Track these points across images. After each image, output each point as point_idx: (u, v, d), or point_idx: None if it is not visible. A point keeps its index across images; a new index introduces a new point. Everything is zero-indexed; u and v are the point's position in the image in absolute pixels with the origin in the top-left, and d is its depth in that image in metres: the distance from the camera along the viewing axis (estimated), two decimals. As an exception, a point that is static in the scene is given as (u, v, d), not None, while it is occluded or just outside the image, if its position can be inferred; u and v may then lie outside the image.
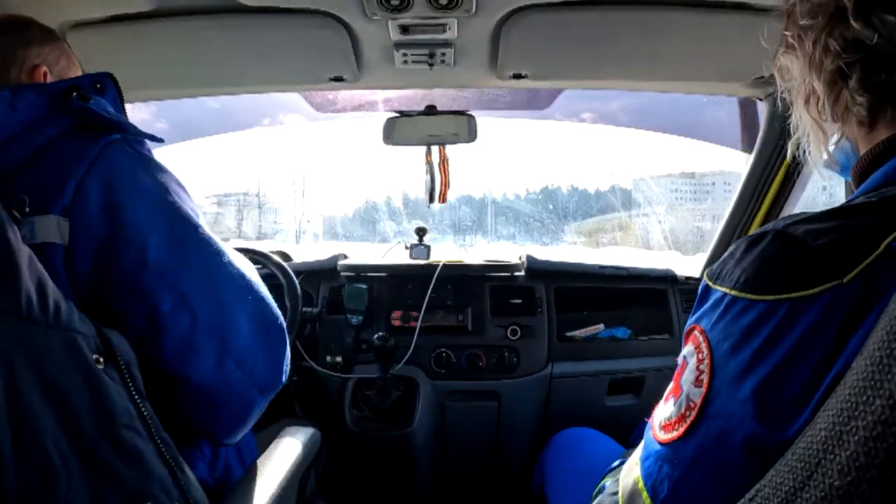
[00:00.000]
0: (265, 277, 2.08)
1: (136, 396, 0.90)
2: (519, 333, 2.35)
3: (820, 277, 0.63)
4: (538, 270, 2.48)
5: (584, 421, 2.01)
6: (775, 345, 0.64)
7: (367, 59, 1.85)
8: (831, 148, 0.86)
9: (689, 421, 0.72)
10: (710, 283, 0.76)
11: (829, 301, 0.62)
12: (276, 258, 2.12)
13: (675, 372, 0.78)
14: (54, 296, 0.82)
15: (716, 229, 2.52)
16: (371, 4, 1.51)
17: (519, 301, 2.41)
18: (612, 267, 2.52)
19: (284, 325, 1.25)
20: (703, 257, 2.67)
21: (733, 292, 0.70)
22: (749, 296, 0.68)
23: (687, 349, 0.77)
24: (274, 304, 1.24)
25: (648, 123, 2.59)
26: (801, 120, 0.88)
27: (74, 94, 1.07)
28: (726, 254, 0.75)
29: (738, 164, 2.36)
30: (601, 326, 2.43)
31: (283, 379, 1.24)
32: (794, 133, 0.92)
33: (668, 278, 2.53)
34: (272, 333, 1.20)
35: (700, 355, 0.73)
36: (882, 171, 0.74)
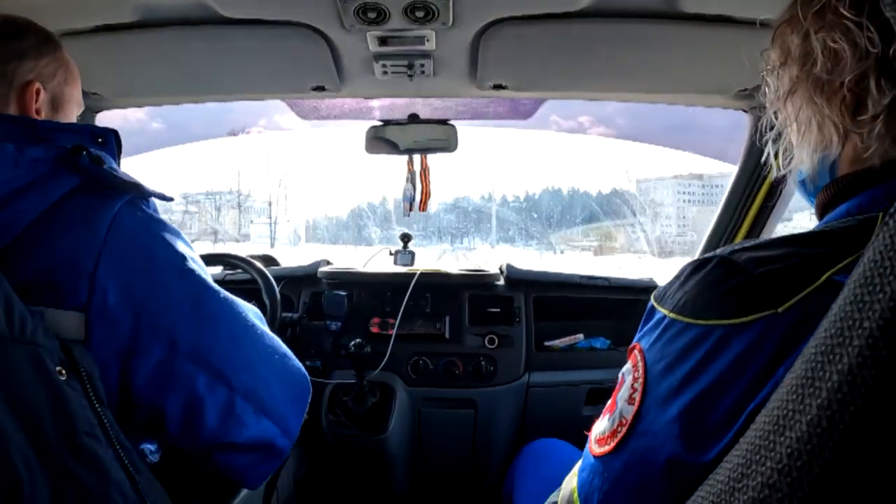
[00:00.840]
0: (245, 282, 2.11)
1: (98, 406, 0.92)
2: (497, 342, 2.36)
3: (755, 306, 0.64)
4: (517, 280, 2.49)
5: (562, 430, 2.02)
6: (705, 369, 0.66)
7: (347, 69, 1.87)
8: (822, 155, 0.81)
9: (619, 437, 0.73)
10: (655, 304, 0.77)
11: (761, 329, 0.63)
12: (257, 264, 2.12)
13: (616, 387, 0.80)
14: (20, 312, 0.85)
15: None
16: (348, 17, 1.53)
17: (497, 310, 2.42)
18: (593, 277, 2.53)
19: (307, 374, 1.31)
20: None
21: (672, 315, 0.72)
22: (686, 319, 0.70)
23: (626, 367, 0.78)
24: (293, 357, 1.29)
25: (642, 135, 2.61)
26: (797, 117, 0.81)
27: (84, 153, 1.03)
28: (674, 276, 0.77)
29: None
30: (580, 336, 2.44)
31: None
32: (765, 132, 0.89)
33: (649, 289, 2.52)
34: (299, 386, 1.27)
35: (636, 373, 0.75)
36: (845, 205, 0.74)
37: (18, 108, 1.13)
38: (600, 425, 0.80)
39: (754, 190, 2.20)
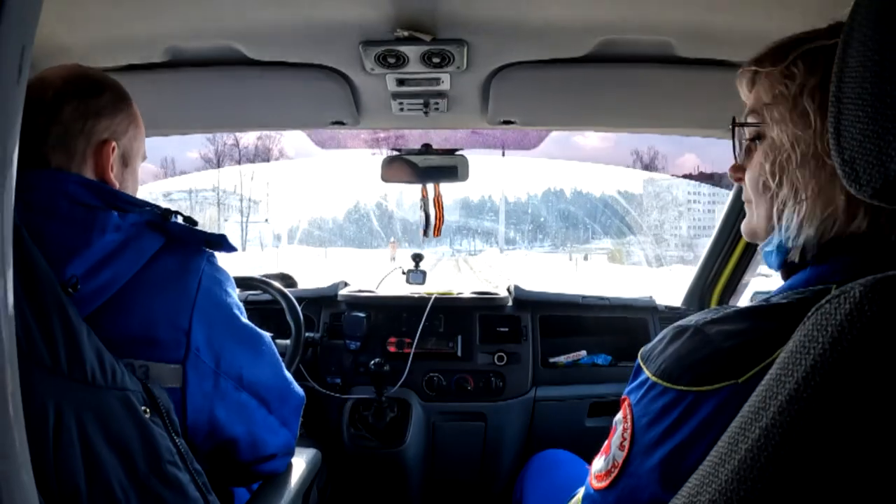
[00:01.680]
0: (268, 303, 2.20)
1: (175, 437, 1.06)
2: (505, 359, 2.48)
3: (720, 376, 0.76)
4: (524, 301, 2.62)
5: (566, 441, 2.13)
6: (680, 426, 0.79)
7: (365, 106, 1.96)
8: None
9: (612, 476, 0.87)
10: (641, 364, 0.89)
11: (725, 396, 0.75)
12: (278, 285, 2.19)
13: (610, 433, 0.93)
14: (110, 361, 0.98)
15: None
16: (370, 61, 1.61)
17: (506, 329, 2.54)
18: (595, 297, 2.65)
19: (303, 392, 1.49)
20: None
21: (653, 378, 0.84)
22: (664, 383, 0.82)
23: (618, 416, 0.91)
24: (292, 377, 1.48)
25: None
26: (788, 171, 0.86)
27: (175, 216, 1.16)
28: (658, 337, 0.89)
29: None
30: (583, 353, 2.55)
31: None
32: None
33: (648, 307, 2.66)
34: (301, 402, 1.47)
35: (625, 424, 0.88)
36: (806, 272, 0.84)
37: (94, 164, 1.16)
38: (598, 463, 0.93)
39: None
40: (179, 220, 1.19)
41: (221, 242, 1.21)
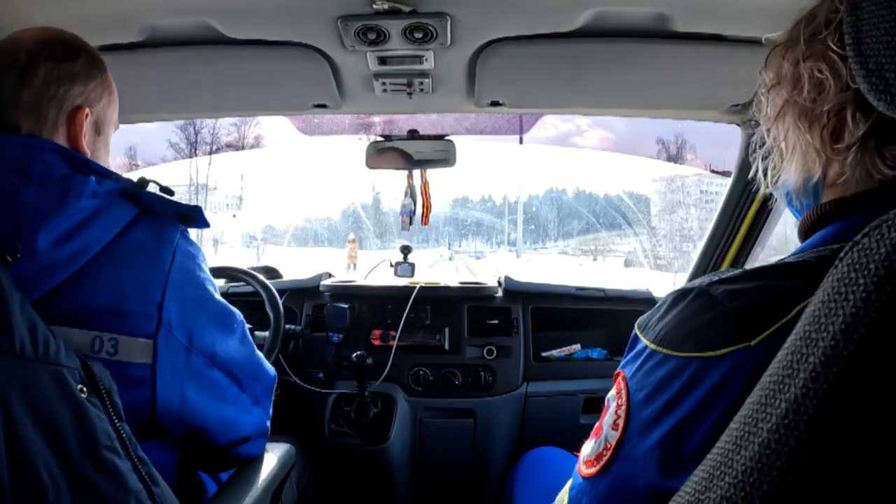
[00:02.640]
0: (249, 294, 2.14)
1: (116, 420, 0.96)
2: (495, 353, 2.40)
3: (729, 339, 0.67)
4: (515, 291, 2.54)
5: (559, 438, 2.06)
6: (683, 400, 0.69)
7: (348, 87, 1.91)
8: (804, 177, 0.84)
9: (603, 461, 0.77)
10: (638, 333, 0.80)
11: (735, 362, 0.66)
12: (261, 277, 2.15)
13: (602, 412, 0.83)
14: (44, 334, 0.90)
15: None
16: (349, 38, 1.56)
17: (496, 321, 2.46)
18: (591, 288, 2.57)
19: (275, 371, 1.48)
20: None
21: (652, 346, 0.75)
22: (665, 350, 0.73)
23: (611, 393, 0.82)
24: (262, 356, 1.45)
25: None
26: (785, 137, 0.85)
27: (151, 185, 1.12)
28: (656, 305, 0.80)
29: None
30: (577, 347, 2.48)
31: None
32: (755, 148, 0.92)
33: (645, 300, 2.58)
34: (271, 381, 1.45)
35: (619, 401, 0.78)
36: (823, 232, 0.77)
37: (67, 131, 1.13)
38: (587, 448, 0.84)
39: (749, 199, 2.23)
40: (156, 189, 1.15)
41: (195, 216, 1.17)
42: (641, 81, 1.86)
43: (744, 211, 2.28)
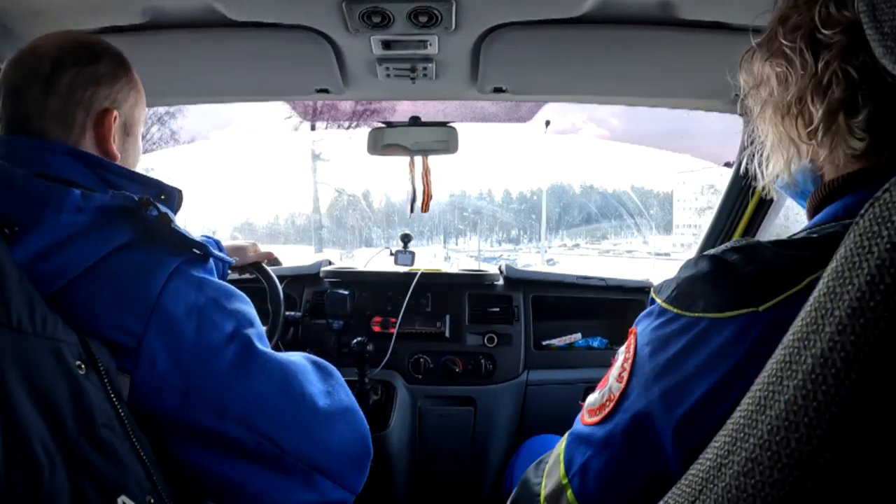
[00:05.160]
0: (249, 281, 2.13)
1: (115, 399, 0.94)
2: (496, 341, 2.41)
3: (738, 302, 0.68)
4: (516, 279, 2.54)
5: (559, 427, 2.05)
6: (687, 357, 0.70)
7: (351, 72, 1.89)
8: (793, 168, 0.87)
9: (606, 410, 0.80)
10: (654, 295, 0.82)
11: (741, 325, 0.67)
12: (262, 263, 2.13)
13: (610, 366, 0.86)
14: (42, 310, 0.88)
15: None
16: (353, 21, 1.55)
17: (497, 309, 2.46)
18: (592, 277, 2.57)
19: (367, 434, 1.25)
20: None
21: (664, 304, 0.77)
22: (674, 309, 0.75)
23: (622, 347, 0.84)
24: (356, 417, 1.23)
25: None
26: (768, 133, 0.89)
27: (152, 208, 1.01)
28: (675, 272, 0.81)
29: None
30: (578, 336, 2.48)
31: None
32: (746, 145, 0.95)
33: (646, 289, 2.57)
34: (357, 448, 1.20)
35: (627, 353, 0.80)
36: (833, 207, 0.79)
37: (95, 136, 1.11)
38: (592, 397, 0.86)
39: (750, 191, 2.23)
40: (165, 210, 1.04)
41: (202, 251, 1.07)
42: (645, 69, 1.86)
43: (744, 202, 2.28)
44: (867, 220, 0.51)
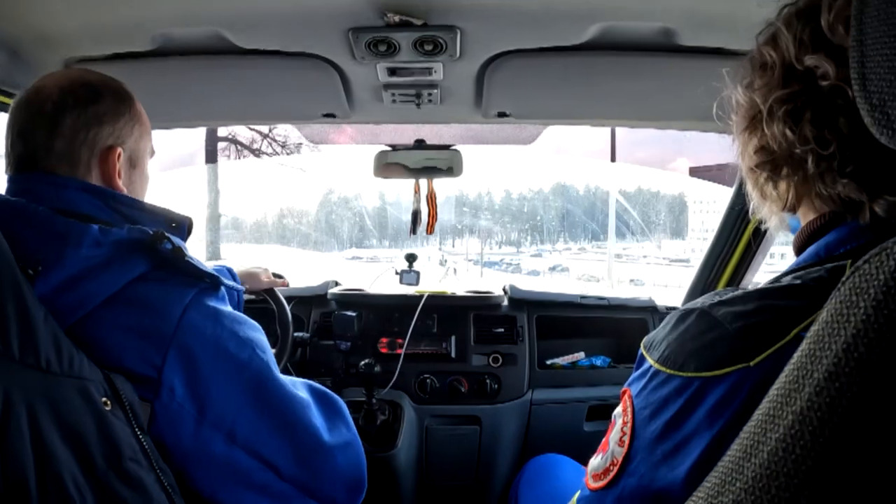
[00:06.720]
0: (256, 302, 2.15)
1: (139, 432, 0.97)
2: (501, 361, 2.43)
3: (729, 359, 0.70)
4: (521, 300, 2.57)
5: (563, 445, 2.08)
6: (686, 417, 0.72)
7: (357, 98, 1.91)
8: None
9: (610, 475, 0.80)
10: (644, 352, 0.83)
11: (735, 381, 0.69)
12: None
13: (608, 429, 0.86)
14: (68, 348, 0.91)
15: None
16: (360, 50, 1.57)
17: (501, 330, 2.50)
18: (594, 297, 2.60)
19: (363, 466, 1.33)
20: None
21: (656, 365, 0.78)
22: (668, 370, 0.76)
23: (617, 410, 0.84)
24: (354, 448, 1.30)
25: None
26: (747, 173, 0.91)
27: (166, 241, 1.04)
28: (662, 324, 0.83)
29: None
30: (581, 355, 2.50)
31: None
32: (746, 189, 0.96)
33: (648, 308, 2.61)
34: (354, 477, 1.28)
35: (625, 418, 0.81)
36: (815, 247, 0.80)
37: (101, 173, 1.14)
38: (595, 462, 0.86)
39: (746, 216, 2.27)
40: (178, 243, 1.08)
41: (216, 282, 1.11)
42: (646, 93, 1.88)
43: (743, 224, 2.32)
44: (847, 288, 0.55)
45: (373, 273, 2.73)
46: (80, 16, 1.50)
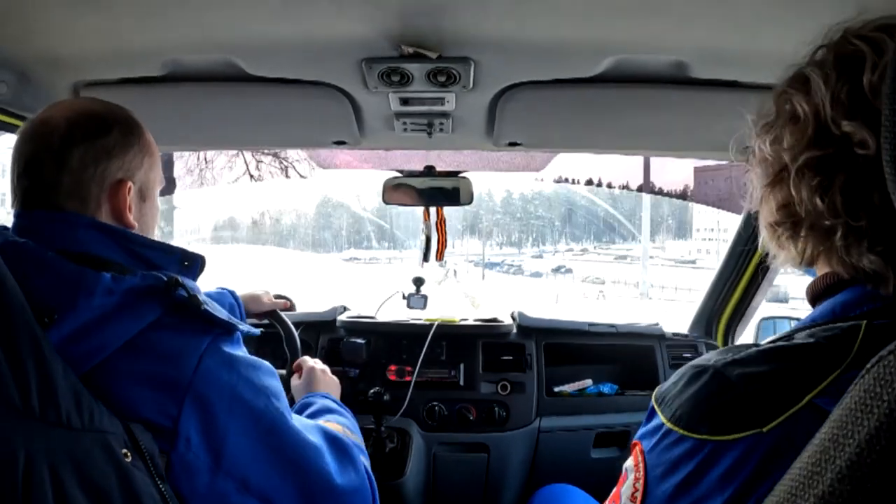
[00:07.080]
0: (264, 326, 2.13)
1: (159, 482, 0.96)
2: (509, 389, 2.42)
3: (743, 424, 0.69)
4: (529, 328, 2.56)
5: (571, 473, 2.07)
6: (698, 479, 0.71)
7: (368, 126, 1.91)
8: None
9: None
10: (655, 407, 0.82)
11: (747, 446, 0.68)
12: (278, 311, 2.14)
13: (619, 480, 0.85)
14: (88, 401, 0.90)
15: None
16: (373, 79, 1.57)
17: (510, 357, 2.48)
18: (602, 324, 2.60)
19: None
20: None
21: (668, 424, 0.77)
22: (681, 431, 0.74)
23: (629, 463, 0.83)
24: (365, 493, 1.27)
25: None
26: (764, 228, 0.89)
27: (181, 289, 1.02)
28: (673, 378, 0.82)
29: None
30: (589, 382, 2.49)
31: None
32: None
33: (655, 335, 2.60)
34: None
35: (637, 473, 0.80)
36: (830, 303, 0.79)
37: (111, 208, 1.11)
38: None
39: (755, 243, 2.25)
40: (192, 287, 1.06)
41: (230, 330, 1.09)
42: (657, 125, 1.88)
43: (751, 252, 2.33)
44: (871, 377, 0.54)
45: (373, 274, 2.72)
46: (91, 40, 1.50)
